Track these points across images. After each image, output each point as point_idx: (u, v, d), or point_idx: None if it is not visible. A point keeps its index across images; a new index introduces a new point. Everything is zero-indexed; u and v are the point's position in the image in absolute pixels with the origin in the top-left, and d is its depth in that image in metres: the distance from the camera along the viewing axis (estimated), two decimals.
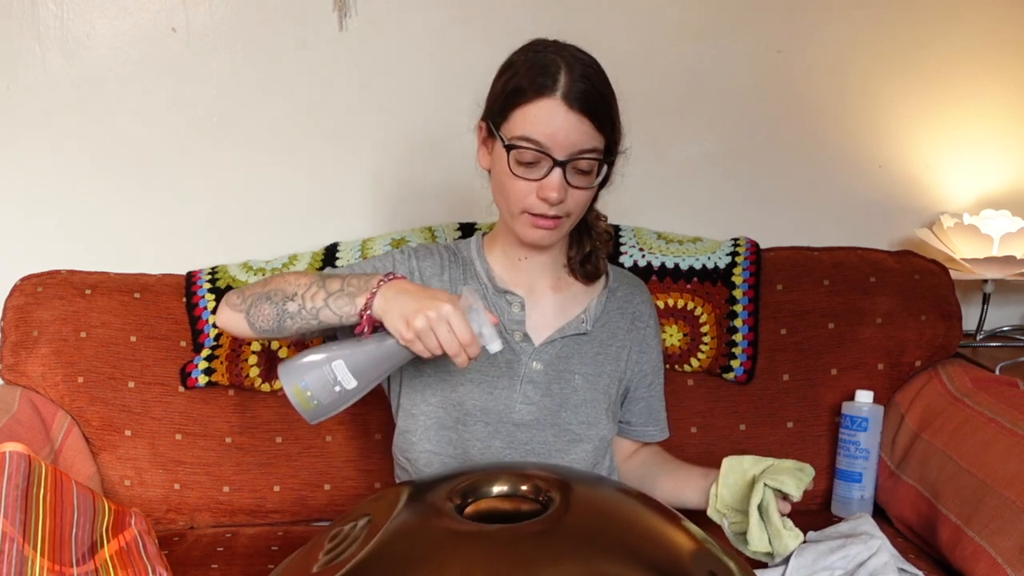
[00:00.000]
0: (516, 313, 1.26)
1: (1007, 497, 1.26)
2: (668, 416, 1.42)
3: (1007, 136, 1.88)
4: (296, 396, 1.08)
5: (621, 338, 1.32)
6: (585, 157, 1.13)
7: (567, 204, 1.16)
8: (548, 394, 1.25)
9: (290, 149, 1.77)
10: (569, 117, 1.11)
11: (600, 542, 0.87)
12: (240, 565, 1.44)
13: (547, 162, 1.13)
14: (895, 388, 1.65)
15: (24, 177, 1.73)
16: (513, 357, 1.25)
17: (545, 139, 1.12)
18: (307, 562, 0.94)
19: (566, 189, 1.14)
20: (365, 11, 1.73)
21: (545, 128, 1.12)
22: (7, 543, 1.03)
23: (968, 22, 1.83)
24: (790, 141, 1.86)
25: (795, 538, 1.13)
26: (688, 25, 1.80)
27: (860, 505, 1.57)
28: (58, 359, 1.57)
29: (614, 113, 1.16)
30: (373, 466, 1.61)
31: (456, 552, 0.84)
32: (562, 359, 1.27)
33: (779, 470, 1.17)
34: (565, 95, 1.11)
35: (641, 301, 1.36)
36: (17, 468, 1.09)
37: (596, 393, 1.28)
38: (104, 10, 1.70)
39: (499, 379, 1.24)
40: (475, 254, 1.29)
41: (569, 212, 1.17)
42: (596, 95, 1.13)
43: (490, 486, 0.98)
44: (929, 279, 1.66)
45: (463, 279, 1.28)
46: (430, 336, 1.04)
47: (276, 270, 1.64)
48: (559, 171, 1.13)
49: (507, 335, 1.25)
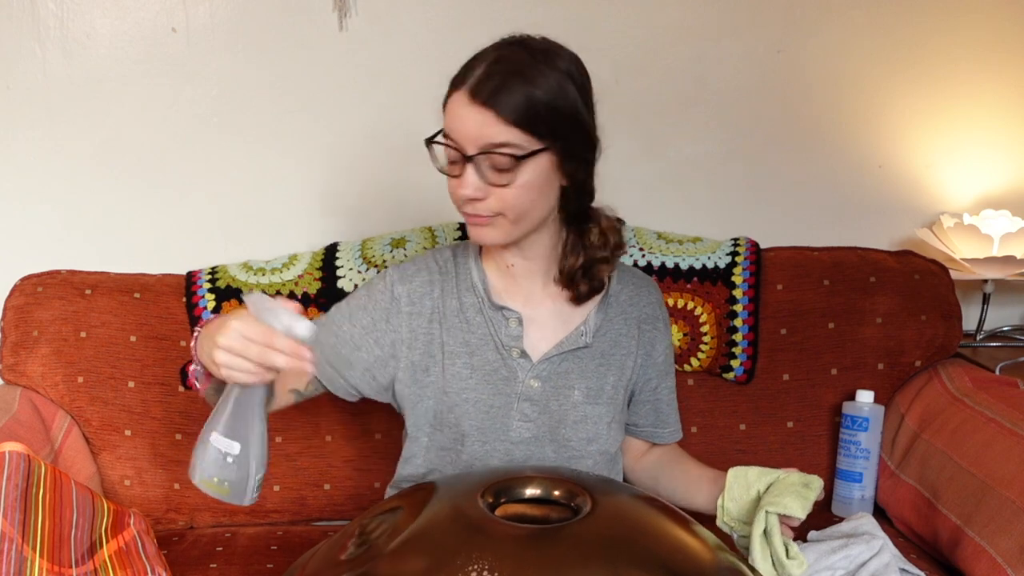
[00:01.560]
0: (513, 329, 1.21)
1: (1007, 497, 1.26)
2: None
3: (1007, 136, 1.88)
4: (211, 489, 1.01)
5: (626, 345, 1.27)
6: (497, 152, 1.06)
7: (491, 203, 1.09)
8: (546, 411, 1.22)
9: (290, 149, 1.77)
10: (471, 110, 1.06)
11: (627, 548, 0.87)
12: (240, 565, 1.44)
13: (460, 157, 1.09)
14: (895, 388, 1.65)
15: (24, 177, 1.73)
16: (510, 375, 1.22)
17: (454, 133, 1.09)
18: (336, 552, 0.94)
19: (484, 187, 1.08)
20: (365, 11, 1.73)
21: (452, 122, 1.09)
22: (6, 543, 1.02)
23: (968, 22, 1.83)
24: (790, 141, 1.86)
25: (799, 567, 1.10)
26: (688, 25, 1.80)
27: (860, 505, 1.57)
28: (58, 359, 1.57)
29: (545, 106, 1.07)
30: (373, 466, 1.61)
31: (485, 549, 0.84)
32: (561, 375, 1.23)
33: (783, 490, 1.13)
34: (471, 87, 1.07)
35: (648, 303, 1.30)
36: (17, 468, 1.09)
37: (598, 407, 1.24)
38: (104, 10, 1.70)
39: (495, 397, 1.21)
40: (472, 263, 1.24)
41: (500, 211, 1.10)
42: (505, 88, 1.05)
43: (523, 488, 0.98)
44: (929, 279, 1.66)
45: (456, 292, 1.23)
46: (237, 360, 0.94)
47: (276, 270, 1.65)
48: (471, 167, 1.08)
49: (504, 352, 1.22)
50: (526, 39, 1.13)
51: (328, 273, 1.63)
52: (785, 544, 1.12)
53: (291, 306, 0.95)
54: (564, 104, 1.09)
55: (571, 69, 1.12)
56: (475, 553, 0.83)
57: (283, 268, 1.65)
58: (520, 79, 1.07)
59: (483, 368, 1.22)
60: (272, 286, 1.62)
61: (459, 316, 1.23)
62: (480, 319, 1.22)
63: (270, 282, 1.63)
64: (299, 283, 1.63)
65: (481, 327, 1.22)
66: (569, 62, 1.12)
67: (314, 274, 1.64)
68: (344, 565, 0.90)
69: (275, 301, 0.95)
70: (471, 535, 0.87)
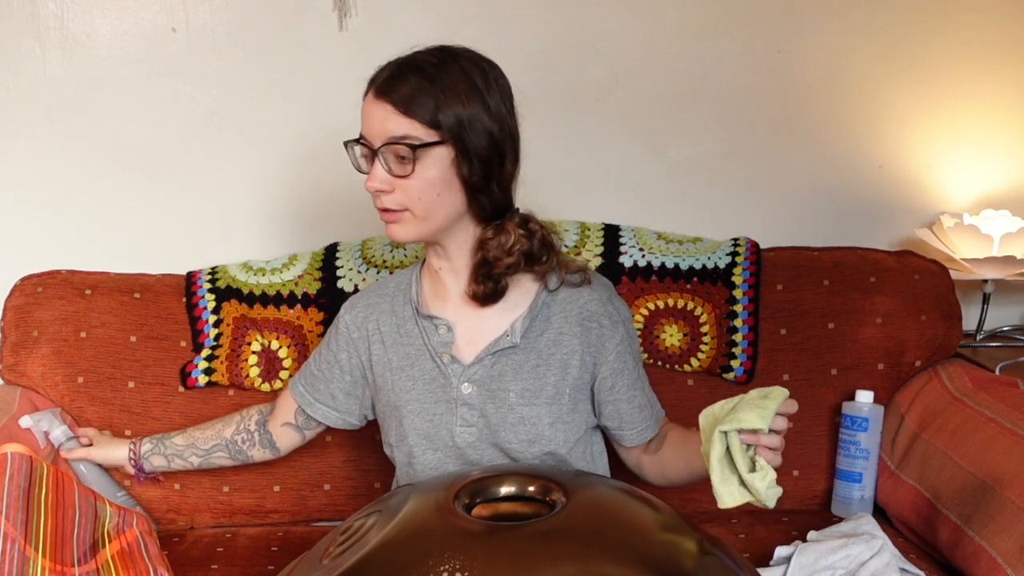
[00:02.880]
0: (444, 335, 1.25)
1: (1007, 497, 1.26)
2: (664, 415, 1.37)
3: (1007, 136, 1.88)
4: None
5: (568, 344, 1.25)
6: (397, 143, 1.13)
7: (399, 195, 1.16)
8: (483, 415, 1.24)
9: (290, 149, 1.77)
10: (374, 105, 1.15)
11: (599, 542, 0.87)
12: (240, 565, 1.44)
13: (369, 153, 1.17)
14: (895, 388, 1.65)
15: (24, 177, 1.73)
16: (445, 381, 1.24)
17: (364, 131, 1.17)
18: (318, 556, 0.95)
19: (390, 180, 1.15)
20: (365, 11, 1.73)
21: (363, 119, 1.17)
22: (8, 543, 1.02)
23: (968, 22, 1.83)
24: (790, 141, 1.86)
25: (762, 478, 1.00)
26: (688, 25, 1.80)
27: (860, 505, 1.57)
28: (58, 359, 1.57)
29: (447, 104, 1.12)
30: (373, 466, 1.61)
31: (456, 548, 0.84)
32: (494, 378, 1.23)
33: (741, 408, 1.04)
34: (377, 86, 1.15)
35: (589, 299, 1.26)
36: (18, 469, 1.09)
37: (536, 408, 1.23)
38: (104, 10, 1.70)
39: (436, 404, 1.25)
40: (413, 277, 1.31)
41: (406, 206, 1.16)
42: (405, 82, 1.13)
43: (497, 487, 0.98)
44: (929, 279, 1.66)
45: (395, 310, 1.30)
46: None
47: (276, 270, 1.65)
48: (378, 161, 1.15)
49: (437, 359, 1.25)
50: (446, 46, 1.18)
51: (328, 273, 1.63)
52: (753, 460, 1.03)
53: (48, 407, 1.07)
54: (462, 101, 1.14)
55: (481, 72, 1.16)
56: (447, 553, 0.83)
57: (283, 268, 1.65)
58: (420, 75, 1.14)
59: (422, 378, 1.26)
60: (272, 286, 1.63)
61: (398, 332, 1.29)
62: (416, 330, 1.27)
63: (270, 282, 1.63)
64: (299, 283, 1.63)
65: (416, 338, 1.27)
66: (480, 66, 1.17)
67: (314, 274, 1.64)
68: (322, 571, 0.90)
69: (34, 416, 1.05)
70: (443, 536, 0.87)
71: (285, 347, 1.60)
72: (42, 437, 1.47)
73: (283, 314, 1.61)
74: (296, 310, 1.61)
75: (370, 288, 1.36)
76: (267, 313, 1.61)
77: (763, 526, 1.53)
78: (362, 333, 1.31)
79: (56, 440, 1.49)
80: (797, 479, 1.63)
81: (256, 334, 1.60)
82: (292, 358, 1.60)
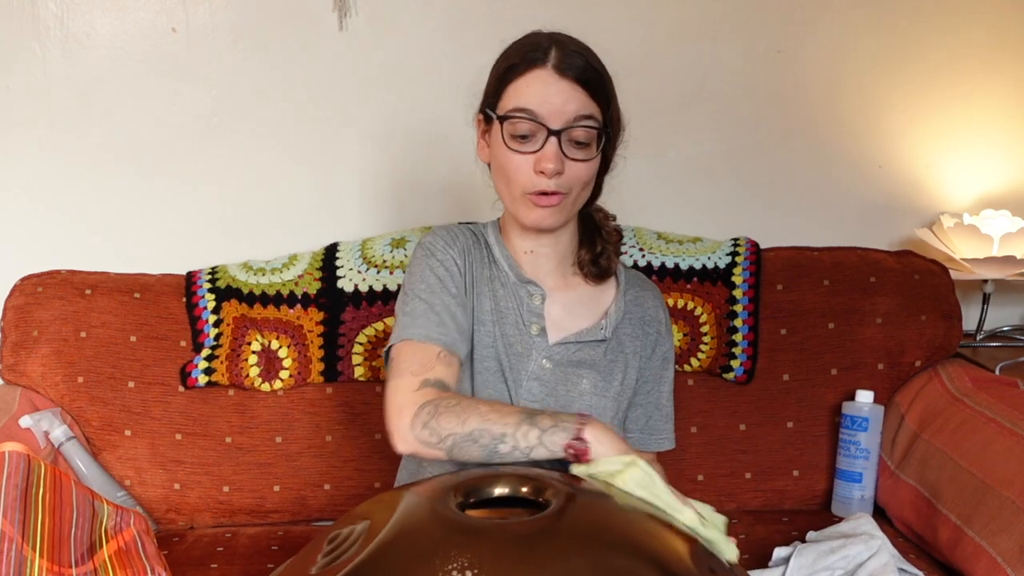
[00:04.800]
0: (536, 306, 1.23)
1: (1007, 497, 1.26)
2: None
3: (1007, 136, 1.88)
4: None
5: (631, 345, 1.27)
6: (581, 125, 1.11)
7: (566, 178, 1.13)
8: (553, 394, 1.22)
9: (290, 149, 1.78)
10: (561, 84, 1.11)
11: (605, 537, 0.87)
12: (240, 565, 1.43)
13: (542, 132, 1.11)
14: (895, 388, 1.65)
15: (24, 177, 1.73)
16: (524, 351, 1.22)
17: (538, 107, 1.11)
18: (304, 565, 0.94)
19: (563, 160, 1.12)
20: (365, 11, 1.73)
21: (537, 96, 1.11)
22: (6, 543, 1.02)
23: (968, 22, 1.83)
24: (790, 141, 1.86)
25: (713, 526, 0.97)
26: (688, 25, 1.80)
27: (860, 505, 1.57)
28: (58, 359, 1.57)
29: (609, 89, 1.16)
30: (373, 466, 1.61)
31: (466, 546, 0.84)
32: (572, 362, 1.23)
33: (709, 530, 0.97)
34: (556, 65, 1.12)
35: (654, 305, 1.31)
36: (16, 468, 1.09)
37: (604, 400, 1.23)
38: (104, 10, 1.70)
39: (509, 372, 1.21)
40: (494, 240, 1.26)
41: (569, 188, 1.14)
42: (588, 67, 1.13)
43: (491, 487, 0.98)
44: (929, 279, 1.66)
45: (484, 262, 1.24)
46: None
47: (276, 270, 1.65)
48: (554, 140, 1.11)
49: (523, 327, 1.22)
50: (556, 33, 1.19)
51: (328, 273, 1.63)
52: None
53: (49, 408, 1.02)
54: (613, 91, 1.17)
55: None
56: (452, 552, 0.83)
57: (283, 268, 1.65)
58: (599, 64, 1.15)
59: (503, 339, 1.22)
60: (272, 286, 1.63)
61: (489, 285, 1.24)
62: (504, 292, 1.24)
63: (270, 282, 1.63)
64: (299, 283, 1.63)
65: (505, 299, 1.24)
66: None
67: (314, 274, 1.64)
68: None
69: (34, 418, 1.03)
70: (445, 534, 0.87)
71: (285, 347, 1.60)
72: (42, 437, 1.47)
73: (283, 314, 1.61)
74: (296, 310, 1.61)
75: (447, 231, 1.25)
76: (267, 313, 1.61)
77: (762, 526, 1.53)
78: (462, 270, 1.23)
79: (56, 440, 1.49)
80: (797, 479, 1.63)
81: (256, 334, 1.60)
82: (292, 358, 1.60)
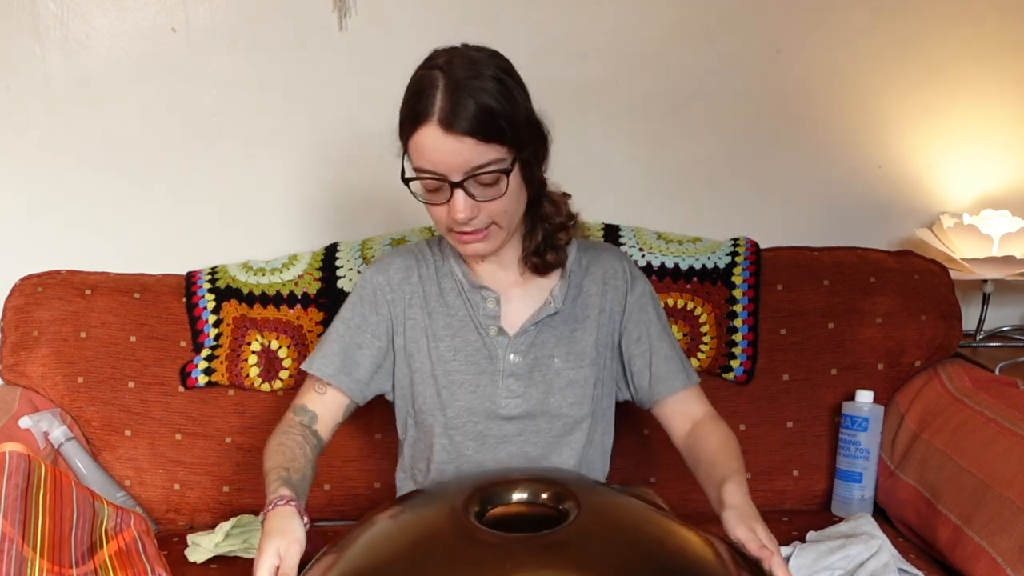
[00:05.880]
0: (491, 309, 1.26)
1: (1007, 497, 1.26)
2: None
3: (1007, 136, 1.88)
4: None
5: (596, 304, 1.29)
6: (482, 171, 1.10)
7: (484, 216, 1.14)
8: (531, 383, 1.25)
9: (290, 149, 1.77)
10: (448, 141, 1.08)
11: (620, 554, 0.87)
12: (240, 565, 1.43)
13: (446, 186, 1.12)
14: (895, 388, 1.65)
15: (24, 177, 1.73)
16: (491, 353, 1.25)
17: (434, 166, 1.10)
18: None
19: (474, 205, 1.12)
20: (365, 11, 1.73)
21: (431, 155, 1.10)
22: (6, 543, 1.02)
23: (968, 22, 1.83)
24: (790, 141, 1.86)
25: None
26: (688, 25, 1.80)
27: (860, 505, 1.57)
28: (58, 359, 1.57)
29: (506, 123, 1.10)
30: (373, 466, 1.61)
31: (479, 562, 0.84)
32: (537, 346, 1.26)
33: None
34: (442, 119, 1.08)
35: (611, 258, 1.32)
36: (17, 468, 1.09)
37: (582, 370, 1.26)
38: (104, 10, 1.70)
39: (480, 376, 1.25)
40: (448, 250, 1.28)
41: (491, 222, 1.15)
42: (478, 111, 1.08)
43: (509, 493, 0.98)
44: (929, 279, 1.66)
45: (436, 277, 1.28)
46: None
47: (276, 270, 1.65)
48: (460, 191, 1.11)
49: (483, 332, 1.25)
50: (453, 56, 1.13)
51: (328, 273, 1.63)
52: None
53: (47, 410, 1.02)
54: (514, 106, 1.12)
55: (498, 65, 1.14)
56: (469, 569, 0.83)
57: (283, 268, 1.65)
58: (474, 94, 1.08)
59: (465, 349, 1.26)
60: (272, 286, 1.63)
61: (440, 300, 1.28)
62: (459, 302, 1.27)
63: (270, 282, 1.63)
64: (299, 283, 1.63)
65: (460, 309, 1.27)
66: (493, 59, 1.14)
67: (314, 274, 1.64)
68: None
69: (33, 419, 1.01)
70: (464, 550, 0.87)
71: (285, 347, 1.60)
72: (42, 437, 1.47)
73: (283, 314, 1.61)
74: (296, 310, 1.61)
75: (387, 256, 1.31)
76: (267, 313, 1.61)
77: None
78: (398, 295, 1.27)
79: (56, 440, 1.49)
80: (797, 479, 1.63)
81: (256, 334, 1.60)
82: (292, 358, 1.60)
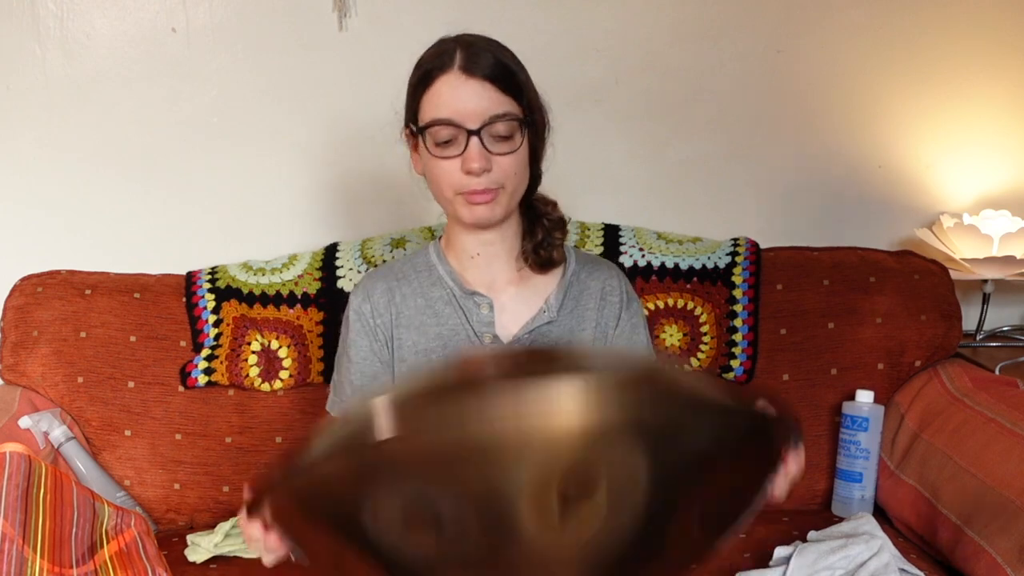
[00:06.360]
0: (485, 315, 1.24)
1: (1007, 497, 1.26)
2: None
3: (1007, 136, 1.88)
4: None
5: (592, 318, 1.27)
6: (499, 120, 1.12)
7: (496, 174, 1.14)
8: None
9: (290, 149, 1.77)
10: (470, 84, 1.12)
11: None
12: (240, 566, 1.43)
13: (462, 135, 1.12)
14: (895, 388, 1.65)
15: (24, 177, 1.73)
16: None
17: (453, 113, 1.12)
18: None
19: (488, 157, 1.13)
20: (365, 11, 1.73)
21: (450, 101, 1.12)
22: (7, 543, 1.03)
23: (968, 22, 1.83)
24: (790, 141, 1.86)
25: None
26: (688, 25, 1.80)
27: (860, 505, 1.57)
28: (58, 359, 1.57)
29: (522, 81, 1.16)
30: None
31: None
32: None
33: None
34: (463, 66, 1.12)
35: (609, 276, 1.31)
36: (17, 468, 1.09)
37: None
38: (104, 10, 1.70)
39: None
40: (436, 259, 1.28)
41: (501, 183, 1.15)
42: (496, 63, 1.13)
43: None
44: (929, 279, 1.66)
45: (421, 290, 1.26)
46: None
47: (276, 270, 1.65)
48: (476, 140, 1.12)
49: (476, 339, 1.24)
50: (461, 35, 1.19)
51: (328, 273, 1.63)
52: None
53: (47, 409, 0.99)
54: (530, 83, 1.18)
55: (513, 54, 1.19)
56: None
57: (283, 268, 1.65)
58: (508, 59, 1.15)
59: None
60: (272, 286, 1.63)
61: (427, 312, 1.25)
62: (450, 310, 1.25)
63: (270, 282, 1.63)
64: (299, 283, 1.63)
65: (452, 318, 1.25)
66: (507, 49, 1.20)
67: (314, 274, 1.64)
68: None
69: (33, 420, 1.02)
70: None
71: (285, 347, 1.60)
72: (41, 438, 1.47)
73: (283, 314, 1.61)
74: (296, 310, 1.61)
75: (378, 272, 1.31)
76: (267, 313, 1.61)
77: (763, 526, 1.53)
78: (384, 319, 1.27)
79: (56, 440, 1.49)
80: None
81: (256, 334, 1.60)
82: (292, 358, 1.60)
